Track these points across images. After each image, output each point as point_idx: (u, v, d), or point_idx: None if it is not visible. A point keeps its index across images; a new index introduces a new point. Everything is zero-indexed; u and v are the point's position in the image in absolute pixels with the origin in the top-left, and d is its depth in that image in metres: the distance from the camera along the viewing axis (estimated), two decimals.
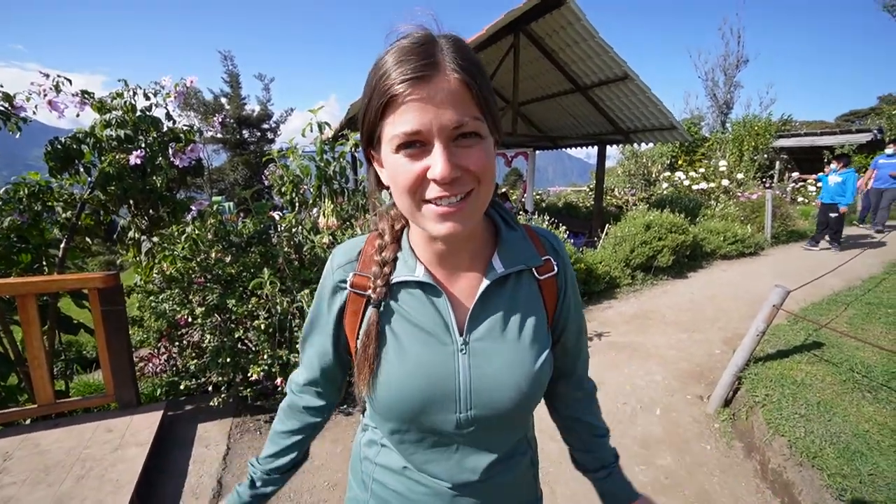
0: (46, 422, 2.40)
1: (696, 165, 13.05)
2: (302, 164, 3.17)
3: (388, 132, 0.52)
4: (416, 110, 0.49)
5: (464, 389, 0.61)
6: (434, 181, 0.51)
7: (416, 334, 0.62)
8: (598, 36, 5.71)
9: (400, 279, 0.63)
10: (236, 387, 2.64)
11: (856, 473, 1.83)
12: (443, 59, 0.50)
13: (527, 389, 0.63)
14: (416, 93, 0.49)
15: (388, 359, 0.63)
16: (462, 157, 0.51)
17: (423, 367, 0.61)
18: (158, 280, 2.85)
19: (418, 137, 0.50)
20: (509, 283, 0.65)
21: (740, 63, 20.00)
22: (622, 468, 0.81)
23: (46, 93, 2.58)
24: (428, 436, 0.65)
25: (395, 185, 0.55)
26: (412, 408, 0.62)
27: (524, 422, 0.71)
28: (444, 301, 0.62)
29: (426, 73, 0.49)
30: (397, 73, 0.49)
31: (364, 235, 0.70)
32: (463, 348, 0.62)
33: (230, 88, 20.01)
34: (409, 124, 0.49)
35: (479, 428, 0.63)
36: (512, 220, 0.69)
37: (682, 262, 6.10)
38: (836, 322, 3.29)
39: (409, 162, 0.51)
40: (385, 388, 0.62)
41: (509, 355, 0.63)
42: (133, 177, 2.75)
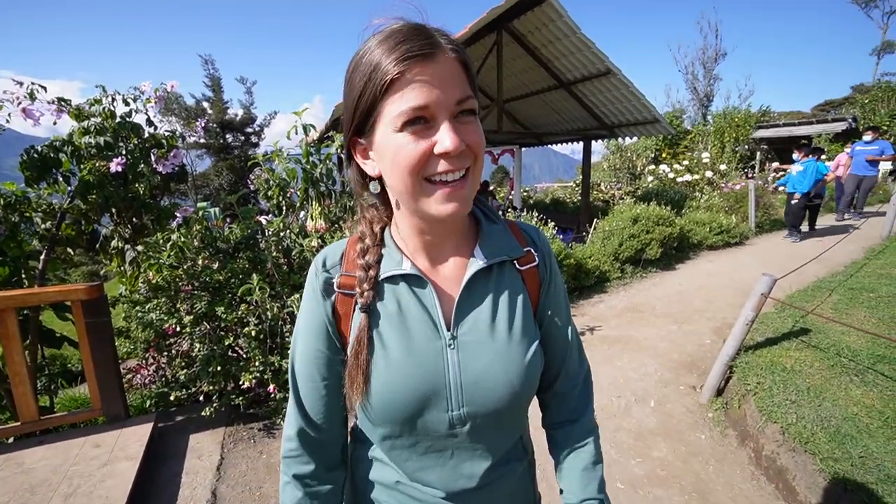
0: (30, 439, 2.32)
1: (679, 158, 13.24)
2: (288, 168, 3.13)
3: (390, 111, 0.51)
4: (422, 86, 0.50)
5: (454, 386, 0.60)
6: (443, 154, 0.52)
7: (404, 331, 0.61)
8: (580, 32, 5.75)
9: (387, 274, 0.62)
10: (228, 395, 2.59)
11: (847, 457, 1.87)
12: (439, 40, 0.52)
13: (518, 383, 0.62)
14: (420, 70, 0.50)
15: (379, 359, 0.61)
16: (463, 134, 0.53)
17: (414, 364, 0.60)
18: (144, 289, 2.79)
19: (424, 113, 0.51)
20: (493, 274, 0.64)
21: (719, 56, 20.38)
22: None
23: (20, 100, 2.50)
24: (421, 439, 0.63)
25: (397, 165, 0.53)
26: (405, 408, 0.60)
27: (518, 421, 0.69)
28: (429, 292, 0.62)
29: (429, 51, 0.50)
30: (399, 52, 0.49)
31: (344, 239, 0.69)
32: (451, 343, 0.61)
33: (212, 92, 19.72)
34: (416, 100, 0.50)
35: (473, 427, 0.62)
36: (492, 213, 0.70)
37: (670, 254, 6.19)
38: (822, 308, 3.36)
39: (414, 140, 0.51)
40: (377, 389, 0.61)
41: (498, 349, 0.62)
42: (114, 184, 2.68)
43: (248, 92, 20.45)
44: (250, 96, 20.49)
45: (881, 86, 15.14)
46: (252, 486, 2.16)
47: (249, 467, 2.28)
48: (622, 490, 2.09)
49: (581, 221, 7.69)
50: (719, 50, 20.27)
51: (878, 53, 24.35)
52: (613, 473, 2.20)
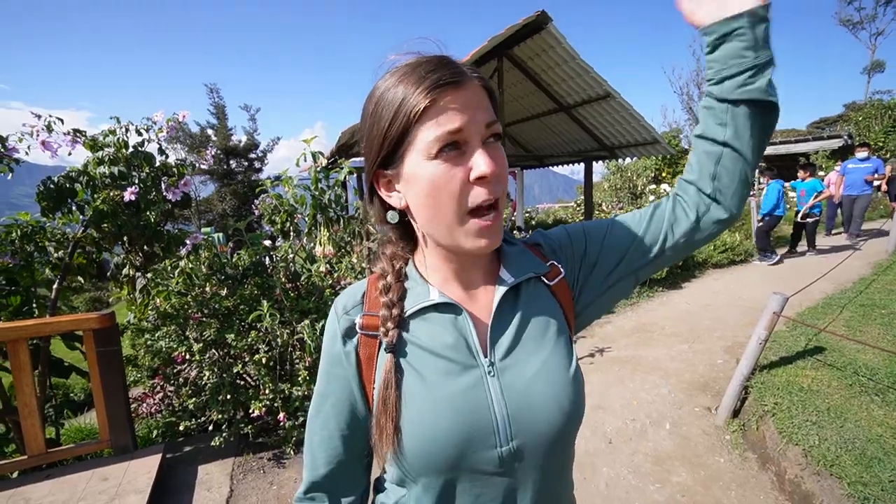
0: (36, 473, 2.28)
1: (679, 177, 13.37)
2: (296, 193, 3.18)
3: (424, 137, 0.51)
4: (454, 111, 0.51)
5: (500, 417, 0.56)
6: (478, 180, 0.52)
7: (439, 364, 0.58)
8: (579, 58, 5.91)
9: (413, 308, 0.60)
10: (237, 424, 2.55)
11: (876, 480, 1.82)
12: (466, 70, 0.53)
13: (564, 399, 0.58)
14: (452, 97, 0.51)
15: (413, 399, 0.57)
16: (495, 160, 0.53)
17: (452, 398, 0.56)
18: (153, 317, 2.79)
19: (458, 137, 0.51)
20: (522, 293, 0.63)
21: None
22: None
23: (39, 133, 2.57)
24: (468, 483, 0.57)
25: (437, 195, 0.52)
26: (448, 450, 0.55)
27: (569, 447, 0.64)
28: (464, 318, 0.60)
29: (459, 79, 0.51)
30: (431, 80, 0.50)
31: (364, 280, 0.67)
32: (490, 370, 0.58)
33: (216, 120, 20.14)
34: (451, 123, 0.50)
35: (525, 464, 0.58)
36: (509, 236, 0.68)
37: (676, 273, 6.17)
38: (834, 325, 3.33)
39: (450, 167, 0.51)
40: (414, 434, 0.56)
41: (539, 366, 0.59)
42: (127, 213, 2.71)
43: (251, 119, 20.91)
44: (254, 123, 20.94)
45: (873, 103, 15.45)
46: None
47: (260, 499, 2.23)
48: None
49: None
50: None
51: (869, 72, 24.92)
52: (633, 499, 2.14)
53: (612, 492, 2.20)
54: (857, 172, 7.38)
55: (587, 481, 2.28)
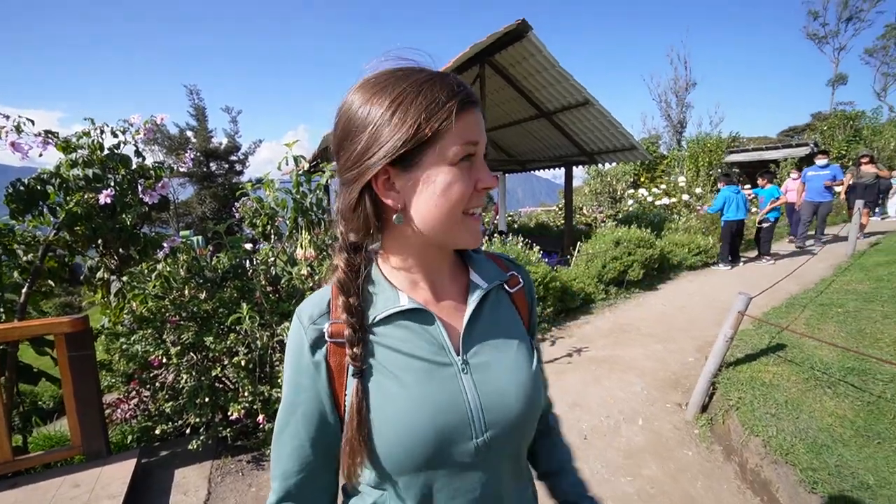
0: (2, 482, 2.22)
1: (657, 182, 13.76)
2: (277, 197, 3.18)
3: (451, 143, 0.55)
4: (476, 127, 0.57)
5: (475, 410, 0.60)
6: (483, 190, 0.59)
7: (413, 364, 0.60)
8: (559, 65, 6.06)
9: (383, 314, 0.60)
10: (215, 427, 2.54)
11: (824, 466, 1.94)
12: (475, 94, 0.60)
13: (532, 392, 0.64)
14: (475, 115, 0.57)
15: (389, 400, 0.58)
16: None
17: (428, 397, 0.58)
18: (128, 321, 2.75)
19: (474, 150, 0.57)
20: (490, 297, 0.67)
21: (689, 86, 21.57)
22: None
23: (7, 134, 2.52)
24: (447, 477, 0.60)
25: (451, 197, 0.56)
26: (429, 444, 0.57)
27: (531, 434, 0.69)
28: (435, 325, 0.62)
29: (476, 101, 0.58)
30: (463, 95, 0.56)
31: (326, 287, 0.65)
32: (464, 367, 0.61)
33: (196, 122, 19.78)
34: (476, 136, 0.57)
35: (497, 453, 0.62)
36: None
37: (652, 275, 6.36)
38: (796, 324, 3.51)
39: (464, 174, 0.57)
40: (396, 434, 0.57)
41: (508, 364, 0.64)
42: (102, 216, 2.68)
43: (233, 121, 20.61)
44: (235, 125, 20.65)
45: (837, 114, 16.20)
46: None
47: (238, 501, 2.23)
48: None
49: (565, 245, 7.86)
50: (689, 80, 21.48)
51: (833, 84, 26.10)
52: (605, 492, 2.21)
53: None
54: (817, 179, 7.53)
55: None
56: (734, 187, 6.91)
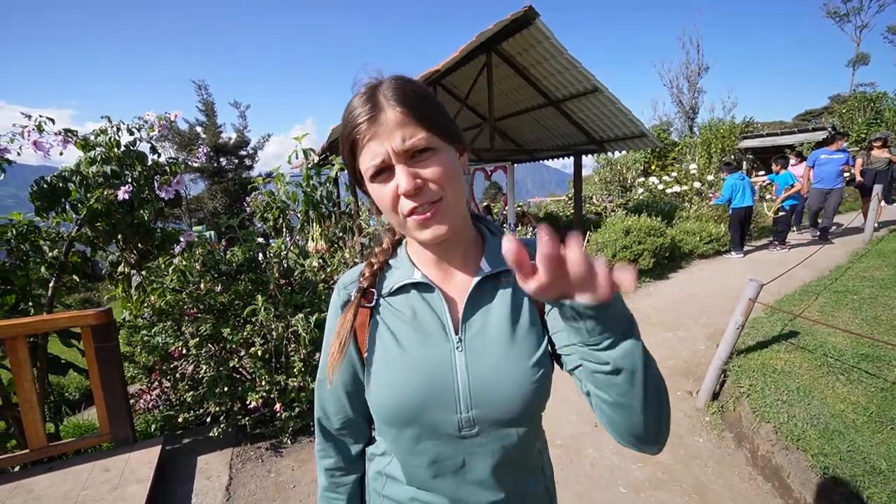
0: (39, 466, 2.34)
1: (668, 170, 13.55)
2: (288, 191, 3.23)
3: (361, 166, 0.62)
4: (373, 144, 0.60)
5: (462, 387, 0.64)
6: (403, 194, 0.60)
7: (414, 334, 0.68)
8: (567, 52, 5.99)
9: (398, 284, 0.70)
10: (234, 416, 2.62)
11: (836, 451, 1.95)
12: (382, 100, 0.60)
13: (526, 384, 0.64)
14: (368, 131, 0.60)
15: (389, 357, 0.68)
16: (421, 170, 0.60)
17: (421, 363, 0.66)
18: (148, 314, 2.84)
19: (383, 165, 0.60)
20: (499, 283, 0.69)
21: (701, 70, 21.07)
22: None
23: (30, 133, 2.59)
24: (430, 440, 0.66)
25: (381, 206, 0.64)
26: (411, 404, 0.65)
27: (532, 431, 0.69)
28: (438, 298, 0.68)
29: (372, 114, 0.60)
30: (352, 122, 0.61)
31: (362, 263, 0.78)
32: (459, 346, 0.66)
33: (205, 117, 19.95)
34: (372, 158, 0.60)
35: (482, 432, 0.65)
36: (497, 230, 0.76)
37: (663, 264, 6.31)
38: (809, 311, 3.48)
39: (382, 186, 0.61)
40: (387, 386, 0.66)
41: (505, 350, 0.65)
42: (121, 212, 2.75)
43: (241, 116, 20.74)
44: (244, 120, 20.78)
45: (857, 96, 15.71)
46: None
47: (258, 486, 2.31)
48: (625, 494, 2.14)
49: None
50: (701, 64, 20.98)
51: (854, 65, 25.28)
52: (616, 478, 2.25)
53: (597, 471, 2.31)
54: (831, 164, 6.85)
55: (573, 462, 2.39)
56: (739, 174, 6.78)
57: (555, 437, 2.54)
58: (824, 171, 6.86)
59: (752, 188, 6.74)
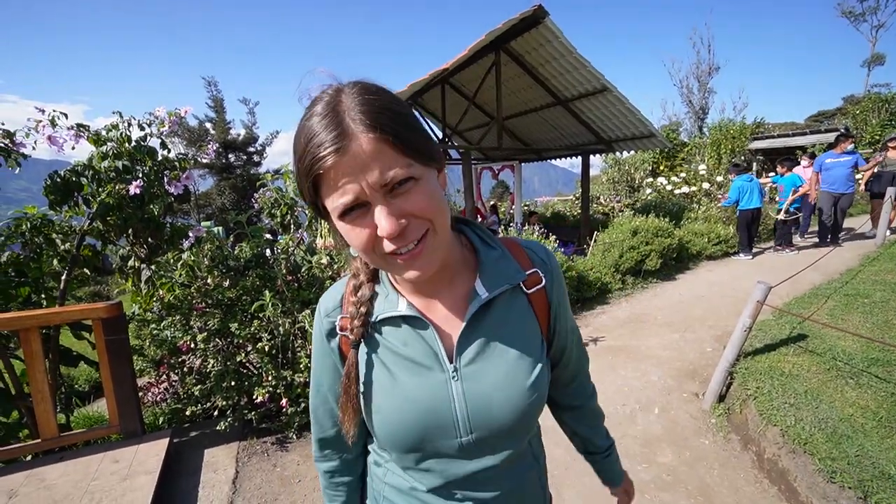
0: (50, 456, 2.38)
1: (677, 170, 13.43)
2: (296, 187, 3.25)
3: (328, 204, 0.52)
4: (344, 181, 0.49)
5: (461, 415, 0.63)
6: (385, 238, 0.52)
7: (407, 366, 0.64)
8: (576, 52, 5.95)
9: (384, 316, 0.64)
10: (241, 410, 2.65)
11: (844, 456, 1.93)
12: (350, 124, 0.49)
13: (522, 405, 0.64)
14: (338, 165, 0.49)
15: (384, 392, 0.64)
16: (403, 204, 0.52)
17: (416, 398, 0.63)
18: (157, 308, 2.88)
19: (356, 202, 0.51)
20: (496, 303, 0.65)
21: (712, 70, 20.82)
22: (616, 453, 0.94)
23: (44, 128, 2.64)
24: (432, 460, 0.66)
25: (354, 245, 0.55)
26: (411, 438, 0.64)
27: (526, 435, 0.71)
28: (430, 332, 0.64)
29: (340, 144, 0.48)
30: (314, 150, 0.49)
31: (344, 279, 0.72)
32: (455, 375, 0.63)
33: (215, 113, 20.10)
34: (343, 196, 0.50)
35: (483, 447, 0.65)
36: (489, 238, 0.69)
37: (670, 265, 6.27)
38: (818, 314, 3.43)
39: (355, 227, 0.52)
40: (382, 422, 0.65)
41: (501, 374, 0.64)
42: (132, 206, 2.79)
43: (250, 112, 20.86)
44: (252, 116, 20.90)
45: (871, 97, 15.44)
46: (267, 498, 2.21)
47: (264, 480, 2.34)
48: None
49: (581, 234, 7.79)
50: (712, 64, 20.73)
51: (869, 65, 24.87)
52: None
53: None
54: (838, 168, 6.60)
55: (576, 463, 2.38)
56: (747, 175, 6.72)
57: (558, 439, 2.54)
58: (833, 175, 6.63)
59: (760, 190, 6.66)
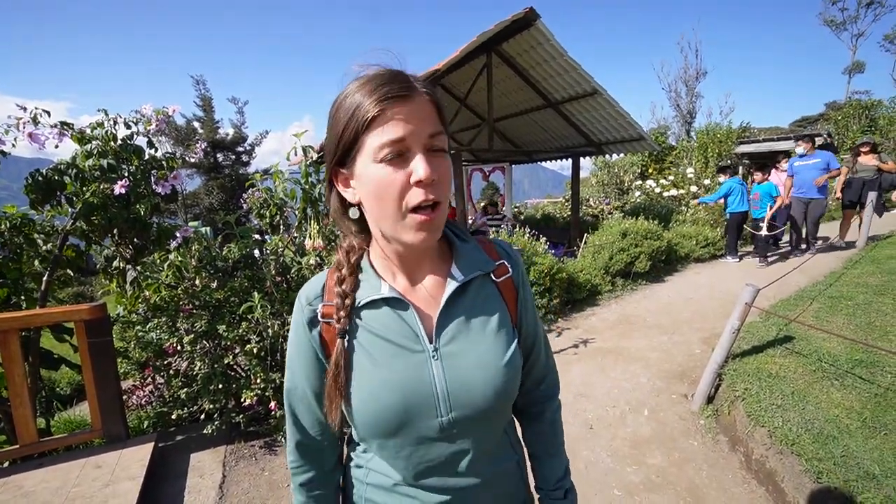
0: (29, 462, 2.31)
1: (665, 173, 13.60)
2: (286, 187, 3.21)
3: (371, 143, 0.58)
4: (399, 122, 0.57)
5: (441, 394, 0.65)
6: (418, 183, 0.58)
7: (388, 348, 0.66)
8: (567, 55, 5.99)
9: (366, 300, 0.67)
10: (229, 413, 2.60)
11: (830, 456, 1.96)
12: (415, 84, 0.59)
13: (500, 382, 0.67)
14: (398, 109, 0.57)
15: (364, 375, 0.66)
16: (434, 167, 0.59)
17: (398, 377, 0.65)
18: (143, 309, 2.81)
19: (401, 146, 0.57)
20: (470, 288, 0.70)
21: (699, 75, 21.16)
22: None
23: (25, 125, 2.56)
24: (414, 445, 0.67)
25: (381, 194, 0.59)
26: (394, 418, 0.65)
27: (504, 418, 0.74)
28: (411, 312, 0.67)
29: (406, 93, 0.57)
30: (380, 93, 0.57)
31: (324, 272, 0.74)
32: (434, 354, 0.66)
33: (203, 112, 19.84)
34: (394, 133, 0.56)
35: (463, 429, 0.67)
36: (462, 233, 0.76)
37: (659, 267, 6.34)
38: (804, 316, 3.50)
39: (393, 170, 0.58)
40: (364, 404, 0.65)
41: (479, 355, 0.67)
42: (117, 206, 2.73)
43: (239, 112, 20.64)
44: (241, 116, 20.68)
45: (852, 103, 15.85)
46: (255, 503, 2.17)
47: (252, 484, 2.29)
48: (619, 497, 2.14)
49: (571, 236, 7.84)
50: (700, 69, 21.07)
51: (850, 72, 25.52)
52: (610, 481, 2.25)
53: (591, 474, 2.31)
54: (805, 171, 6.20)
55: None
56: (737, 178, 6.82)
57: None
58: (801, 179, 6.33)
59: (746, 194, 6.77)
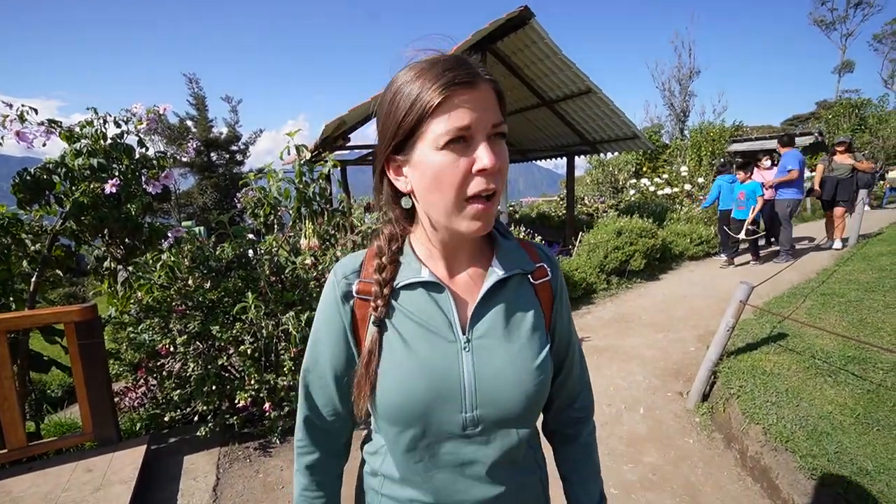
0: (18, 467, 2.27)
1: (659, 171, 13.68)
2: (280, 187, 3.18)
3: (435, 129, 0.56)
4: (465, 109, 0.55)
5: (468, 387, 0.64)
6: (480, 171, 0.57)
7: (422, 333, 0.65)
8: (562, 53, 5.99)
9: (405, 281, 0.66)
10: (222, 415, 2.58)
11: (824, 453, 1.97)
12: (479, 71, 0.58)
13: (529, 384, 0.66)
14: (465, 95, 0.56)
15: (395, 357, 0.65)
16: (496, 154, 0.58)
17: (429, 363, 0.64)
18: (135, 310, 2.78)
19: (465, 133, 0.56)
20: (508, 285, 0.69)
21: (693, 74, 21.28)
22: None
23: (11, 123, 2.52)
24: (434, 440, 0.65)
25: (441, 181, 0.58)
26: (419, 404, 0.63)
27: (527, 425, 0.70)
28: (446, 297, 0.66)
29: (472, 80, 0.56)
30: (446, 78, 0.55)
31: (363, 251, 0.73)
32: (466, 346, 0.65)
33: (196, 111, 19.66)
34: (461, 120, 0.55)
35: (485, 430, 0.65)
36: (507, 231, 0.75)
37: (654, 265, 6.36)
38: (797, 313, 3.52)
39: (456, 158, 0.56)
40: (392, 386, 0.64)
41: (511, 353, 0.66)
42: (108, 206, 2.68)
43: (233, 111, 20.47)
44: (235, 115, 20.51)
45: (842, 102, 16.02)
46: None
47: (246, 487, 2.27)
48: (616, 495, 2.14)
49: (566, 235, 7.86)
50: (693, 68, 21.20)
51: (839, 72, 25.80)
52: (607, 479, 2.25)
53: None
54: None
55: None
56: (729, 176, 6.79)
57: (544, 438, 2.54)
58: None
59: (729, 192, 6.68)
